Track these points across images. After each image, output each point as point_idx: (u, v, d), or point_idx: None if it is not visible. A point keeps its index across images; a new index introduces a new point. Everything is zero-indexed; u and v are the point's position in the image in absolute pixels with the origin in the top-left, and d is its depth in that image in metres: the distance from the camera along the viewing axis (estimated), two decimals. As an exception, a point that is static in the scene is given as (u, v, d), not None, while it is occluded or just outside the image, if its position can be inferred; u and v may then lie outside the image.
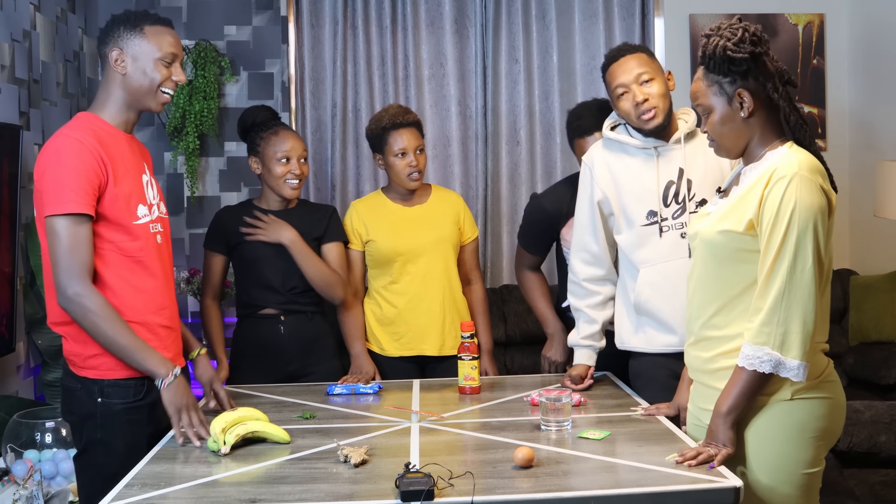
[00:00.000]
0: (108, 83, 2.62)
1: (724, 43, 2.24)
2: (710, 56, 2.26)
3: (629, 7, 4.80)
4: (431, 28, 4.78)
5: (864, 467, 3.28)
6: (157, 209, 2.69)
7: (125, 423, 2.55)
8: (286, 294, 3.31)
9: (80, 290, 2.42)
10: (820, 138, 4.95)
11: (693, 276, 2.38)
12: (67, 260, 2.42)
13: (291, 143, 3.29)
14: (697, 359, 2.37)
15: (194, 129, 4.62)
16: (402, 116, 3.39)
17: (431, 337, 3.42)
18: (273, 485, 2.16)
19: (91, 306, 2.43)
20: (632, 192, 2.90)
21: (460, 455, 2.40)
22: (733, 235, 2.23)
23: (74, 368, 2.56)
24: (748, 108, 2.25)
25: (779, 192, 2.14)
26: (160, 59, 2.60)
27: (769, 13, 4.91)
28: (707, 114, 2.31)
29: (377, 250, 3.42)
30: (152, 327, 2.58)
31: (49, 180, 2.45)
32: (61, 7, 4.18)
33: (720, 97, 2.27)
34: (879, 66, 4.70)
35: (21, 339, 3.61)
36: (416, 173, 3.37)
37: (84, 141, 2.48)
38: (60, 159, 2.45)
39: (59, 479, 3.26)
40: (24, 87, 3.68)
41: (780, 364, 2.14)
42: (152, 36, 2.61)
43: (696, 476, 2.10)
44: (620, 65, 2.86)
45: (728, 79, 2.26)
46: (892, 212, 4.00)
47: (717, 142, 2.33)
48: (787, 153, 2.22)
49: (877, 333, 4.33)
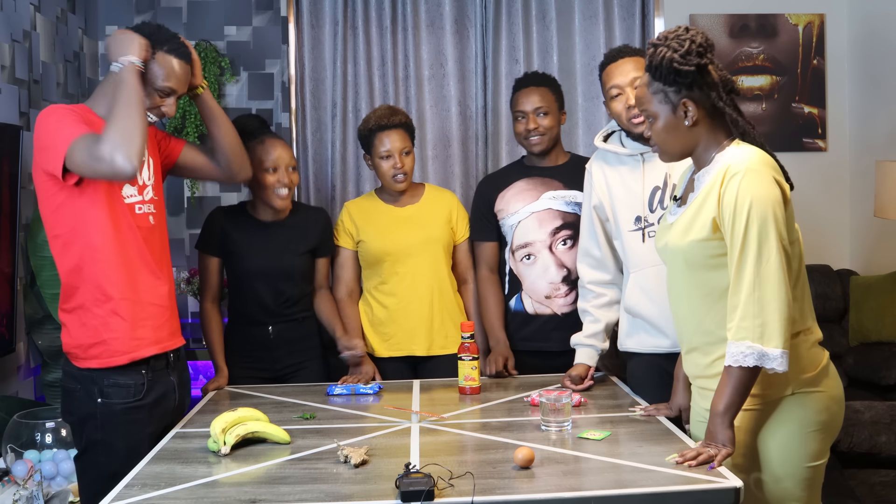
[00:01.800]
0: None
1: (671, 55, 2.26)
2: (657, 66, 2.28)
3: (629, 7, 4.80)
4: (431, 28, 4.77)
5: (864, 468, 3.28)
6: (152, 191, 2.70)
7: (125, 423, 2.56)
8: (276, 309, 3.33)
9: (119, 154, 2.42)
10: (820, 138, 4.95)
11: (673, 287, 2.41)
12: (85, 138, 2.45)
13: (278, 152, 3.28)
14: (697, 366, 2.39)
15: (194, 129, 4.62)
16: (388, 118, 3.40)
17: (420, 337, 3.43)
18: (273, 485, 2.16)
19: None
20: (621, 198, 2.99)
21: (460, 455, 2.40)
22: (702, 244, 2.26)
23: (76, 361, 2.57)
24: (692, 117, 2.29)
25: (734, 189, 2.18)
26: (156, 89, 2.62)
27: (769, 13, 4.90)
28: (651, 119, 2.34)
29: (367, 251, 3.44)
30: (143, 305, 2.60)
31: (44, 135, 2.49)
32: (61, 7, 4.18)
33: (665, 105, 2.31)
34: (880, 66, 4.70)
35: (21, 339, 3.61)
36: (400, 175, 3.39)
37: (72, 107, 2.54)
38: (51, 117, 2.50)
39: (60, 479, 3.26)
40: (24, 87, 3.68)
41: (763, 355, 2.15)
42: (161, 63, 2.62)
43: (697, 476, 2.10)
44: (618, 66, 2.96)
45: (673, 88, 2.29)
46: (892, 212, 4.00)
47: (661, 147, 2.37)
48: (736, 151, 2.27)
49: (877, 334, 4.32)
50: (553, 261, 3.36)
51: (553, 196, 3.37)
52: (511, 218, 3.41)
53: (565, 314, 3.34)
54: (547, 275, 3.36)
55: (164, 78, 2.61)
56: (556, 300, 3.36)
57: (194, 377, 3.81)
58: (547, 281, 3.36)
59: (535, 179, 3.42)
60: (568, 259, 3.34)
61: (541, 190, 3.39)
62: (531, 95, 3.36)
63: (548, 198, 3.38)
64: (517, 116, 3.39)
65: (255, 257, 3.30)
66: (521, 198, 3.41)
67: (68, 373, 2.60)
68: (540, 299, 3.38)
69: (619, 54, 2.98)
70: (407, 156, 3.41)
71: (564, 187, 3.37)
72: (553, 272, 3.35)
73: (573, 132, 4.80)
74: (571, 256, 3.32)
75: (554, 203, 3.37)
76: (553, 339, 3.34)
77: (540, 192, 3.39)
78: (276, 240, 3.34)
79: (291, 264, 3.34)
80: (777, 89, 4.92)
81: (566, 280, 3.34)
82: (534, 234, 3.37)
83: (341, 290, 3.50)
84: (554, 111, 3.38)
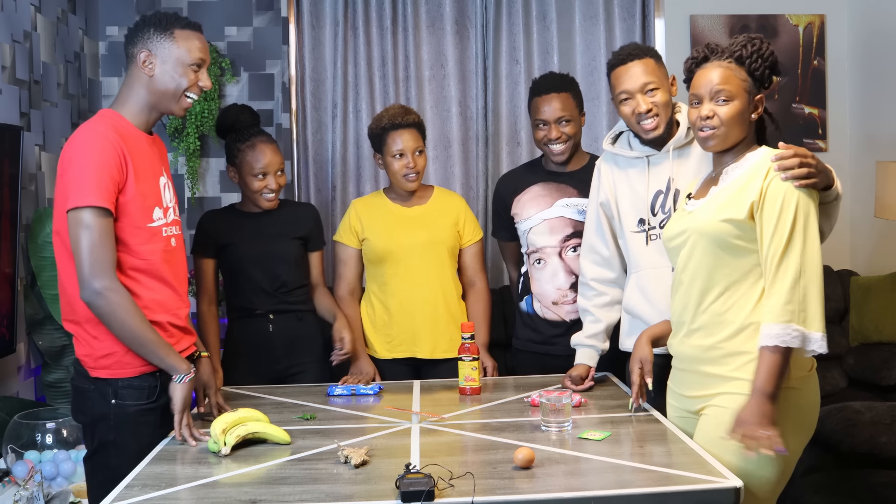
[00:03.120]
0: (132, 83, 2.60)
1: (774, 52, 2.43)
2: (760, 55, 2.40)
3: (630, 8, 4.80)
4: (432, 29, 4.78)
5: (864, 468, 3.27)
6: (173, 212, 2.69)
7: (138, 425, 2.55)
8: (275, 295, 3.34)
9: (109, 283, 2.41)
10: (820, 139, 4.95)
11: (688, 269, 2.45)
12: (97, 252, 2.40)
13: (268, 158, 3.29)
14: (696, 348, 2.44)
15: (195, 130, 4.62)
16: (402, 117, 3.38)
17: (423, 339, 3.42)
18: (273, 485, 2.16)
19: (120, 301, 2.43)
20: (626, 199, 2.99)
21: (460, 456, 2.40)
22: (736, 223, 2.34)
23: (88, 370, 2.55)
24: (758, 113, 2.43)
25: (781, 184, 2.29)
26: (189, 65, 2.60)
27: (770, 14, 4.91)
28: (727, 100, 2.40)
29: (371, 249, 3.44)
30: (164, 325, 2.58)
31: (74, 172, 2.43)
32: (62, 8, 4.18)
33: (746, 93, 2.41)
34: (880, 66, 4.70)
35: (22, 339, 3.61)
36: (412, 174, 3.37)
37: (108, 136, 2.47)
38: (86, 152, 2.44)
39: (60, 479, 3.26)
40: (24, 87, 3.68)
41: (806, 338, 2.26)
42: (182, 40, 2.60)
43: (697, 476, 2.11)
44: (627, 69, 2.89)
45: (754, 82, 2.41)
46: (892, 212, 4.00)
47: (722, 129, 2.41)
48: (771, 152, 2.39)
49: (877, 334, 4.33)
50: (562, 267, 3.35)
51: (566, 204, 3.35)
52: (524, 223, 3.41)
53: (573, 321, 3.31)
54: (555, 280, 3.35)
55: (194, 50, 2.60)
56: (563, 306, 3.35)
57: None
58: (555, 286, 3.36)
59: (550, 185, 3.39)
60: (577, 266, 3.28)
61: (555, 196, 3.36)
62: (553, 103, 3.28)
63: (561, 205, 3.35)
64: (537, 124, 3.32)
65: (248, 243, 3.34)
66: (534, 203, 3.39)
67: (81, 373, 2.59)
68: (548, 304, 3.38)
69: (627, 57, 2.90)
70: (419, 155, 3.40)
71: (579, 194, 3.33)
72: (562, 278, 3.34)
73: (574, 133, 4.80)
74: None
75: (566, 211, 3.34)
76: (558, 343, 3.33)
77: (554, 198, 3.36)
78: (267, 226, 3.38)
79: (284, 248, 3.37)
80: (778, 90, 4.92)
81: (574, 287, 3.31)
82: (544, 241, 3.36)
83: (342, 288, 3.50)
84: (576, 117, 3.32)
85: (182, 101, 2.62)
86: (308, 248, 3.47)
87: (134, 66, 2.59)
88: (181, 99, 2.61)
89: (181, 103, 2.62)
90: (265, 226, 3.38)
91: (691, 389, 2.47)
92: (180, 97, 2.61)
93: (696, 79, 2.45)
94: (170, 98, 2.60)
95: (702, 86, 2.42)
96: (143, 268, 2.54)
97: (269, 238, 3.36)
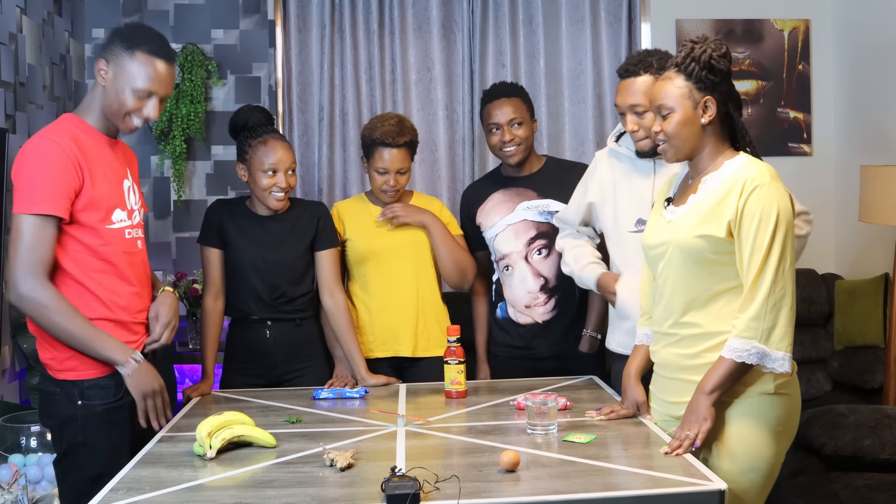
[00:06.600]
0: (93, 88, 2.63)
1: (711, 52, 2.37)
2: (694, 59, 2.37)
3: (616, 12, 4.82)
4: (419, 32, 4.78)
5: (848, 471, 3.29)
6: (139, 214, 2.70)
7: (107, 424, 2.55)
8: (272, 304, 3.29)
9: (33, 284, 2.42)
10: (805, 143, 4.98)
11: (668, 282, 2.46)
12: (26, 256, 2.43)
13: (280, 154, 3.22)
14: (678, 356, 2.46)
15: (181, 132, 4.61)
16: (393, 137, 3.35)
17: (405, 338, 3.43)
18: (259, 489, 2.16)
19: (43, 300, 2.44)
20: (626, 198, 2.99)
21: (446, 459, 2.41)
22: (714, 240, 2.34)
23: (53, 373, 2.55)
24: (710, 115, 2.39)
25: (759, 199, 2.29)
26: (136, 90, 2.57)
27: (755, 18, 4.93)
28: (666, 114, 2.41)
29: (352, 249, 3.45)
30: (128, 325, 2.59)
31: (23, 179, 2.46)
32: (48, 10, 4.17)
33: (687, 101, 2.39)
34: (864, 71, 4.73)
35: (6, 342, 3.60)
36: (391, 192, 3.40)
37: (61, 143, 2.48)
38: (36, 159, 2.46)
39: (45, 483, 3.25)
40: (10, 90, 3.67)
41: (766, 356, 2.28)
42: (141, 64, 2.56)
43: (682, 479, 2.11)
44: (633, 83, 2.86)
45: (699, 85, 2.38)
46: (876, 216, 4.02)
47: (671, 142, 2.43)
48: (749, 163, 2.38)
49: (861, 338, 4.35)
50: (530, 271, 3.41)
51: (528, 206, 3.43)
52: (490, 231, 3.48)
53: (546, 321, 3.40)
54: (525, 285, 3.41)
55: (147, 78, 2.56)
56: (535, 309, 3.41)
57: (180, 381, 3.79)
58: (525, 291, 3.41)
59: (510, 191, 3.48)
60: (544, 268, 3.40)
61: (516, 201, 3.45)
62: (504, 107, 3.39)
63: (522, 208, 3.43)
64: (490, 129, 3.42)
65: (249, 249, 3.27)
66: (497, 210, 3.47)
67: (46, 377, 2.58)
68: (521, 309, 3.43)
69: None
70: (402, 175, 3.40)
71: (539, 196, 3.43)
72: (531, 282, 3.40)
73: (560, 136, 4.82)
74: (547, 265, 3.39)
75: (528, 214, 3.42)
76: (536, 346, 3.41)
77: (515, 203, 3.45)
78: (271, 233, 3.30)
79: (285, 259, 3.28)
80: (763, 94, 4.94)
81: (544, 288, 3.40)
82: (510, 246, 3.43)
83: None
84: (527, 120, 3.42)
85: (126, 120, 2.60)
86: (314, 248, 3.38)
87: (95, 71, 2.60)
88: (125, 118, 2.60)
89: (126, 122, 2.61)
90: (270, 231, 3.30)
91: (673, 395, 2.49)
92: (123, 117, 2.59)
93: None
94: (114, 114, 2.60)
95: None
96: (104, 269, 2.55)
97: (272, 246, 3.29)
